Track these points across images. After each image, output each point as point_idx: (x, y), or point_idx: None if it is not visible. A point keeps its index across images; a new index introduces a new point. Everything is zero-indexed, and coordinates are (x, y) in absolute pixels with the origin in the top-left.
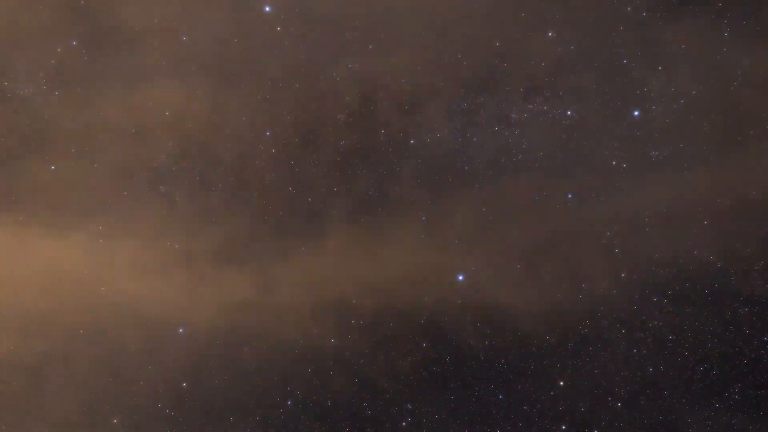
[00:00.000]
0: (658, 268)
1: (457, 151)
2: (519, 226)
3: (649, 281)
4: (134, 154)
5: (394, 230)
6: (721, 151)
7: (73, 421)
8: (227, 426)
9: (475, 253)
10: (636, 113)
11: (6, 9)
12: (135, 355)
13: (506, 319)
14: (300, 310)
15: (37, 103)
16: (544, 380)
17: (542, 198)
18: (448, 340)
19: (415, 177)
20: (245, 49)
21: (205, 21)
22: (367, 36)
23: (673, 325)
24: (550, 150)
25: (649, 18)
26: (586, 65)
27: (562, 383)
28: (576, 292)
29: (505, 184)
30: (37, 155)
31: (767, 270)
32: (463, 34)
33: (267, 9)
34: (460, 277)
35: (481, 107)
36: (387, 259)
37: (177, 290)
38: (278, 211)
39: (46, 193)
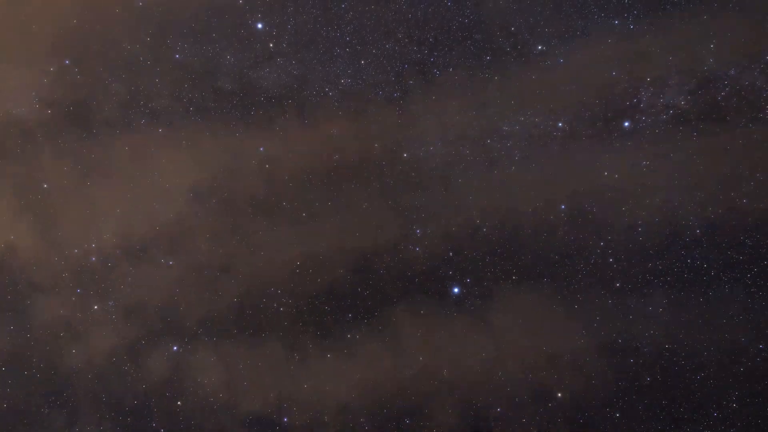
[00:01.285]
0: (652, 276)
1: (450, 163)
2: (511, 238)
3: (644, 290)
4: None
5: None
6: (710, 161)
7: None
8: None
9: (470, 265)
10: (626, 124)
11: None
12: None
13: (503, 333)
14: None
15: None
16: (542, 393)
17: (535, 209)
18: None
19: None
20: (237, 64)
21: (197, 37)
22: (358, 51)
23: (669, 334)
24: (542, 162)
25: (636, 30)
26: (576, 77)
27: (560, 395)
28: (572, 303)
29: (497, 196)
30: None
31: (761, 277)
32: (454, 48)
33: (259, 26)
34: (456, 290)
35: (473, 120)
36: None
37: None
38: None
39: None
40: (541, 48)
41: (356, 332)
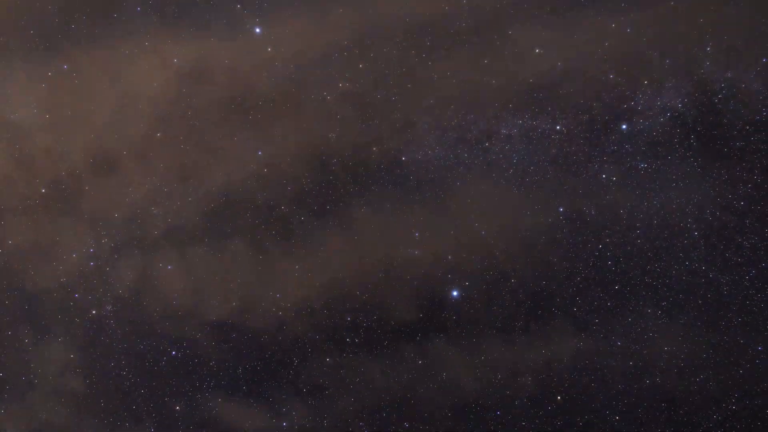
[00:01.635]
0: (650, 279)
1: (448, 167)
2: (511, 241)
3: (642, 293)
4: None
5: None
6: (708, 163)
7: None
8: None
9: (468, 269)
10: (624, 127)
11: None
12: None
13: (500, 336)
14: None
15: None
16: (542, 396)
17: (533, 212)
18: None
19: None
20: (237, 69)
21: (196, 43)
22: (357, 55)
23: (668, 336)
24: (540, 164)
25: (633, 33)
26: (573, 80)
27: (559, 398)
28: (570, 305)
29: (495, 200)
30: None
31: (759, 279)
32: (452, 52)
33: (257, 30)
34: (455, 293)
35: (471, 123)
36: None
37: None
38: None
39: None
40: (539, 51)
41: (318, 232)
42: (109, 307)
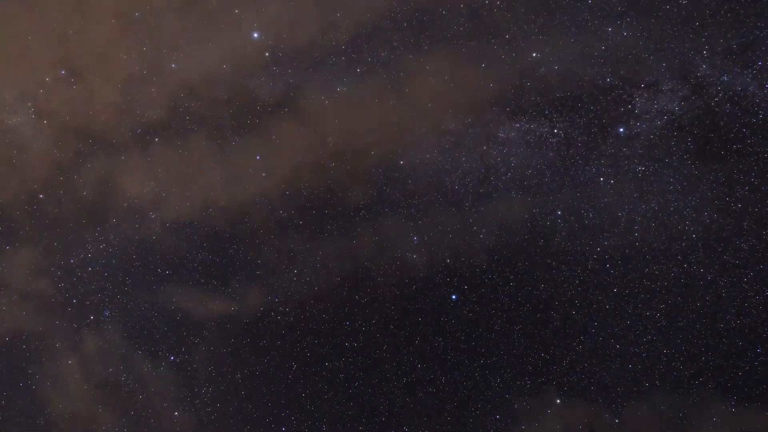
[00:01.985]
0: (649, 282)
1: (447, 170)
2: (508, 243)
3: (641, 295)
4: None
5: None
6: (704, 166)
7: None
8: None
9: (468, 272)
10: (621, 130)
11: None
12: None
13: (499, 339)
14: None
15: None
16: (541, 398)
17: (531, 215)
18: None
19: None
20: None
21: (194, 48)
22: (354, 60)
23: (667, 339)
24: (538, 168)
25: (629, 37)
26: (571, 84)
27: (558, 401)
28: (569, 308)
29: (494, 202)
30: None
31: (757, 281)
32: (449, 55)
33: (255, 35)
34: (453, 297)
35: (469, 127)
36: None
37: None
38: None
39: None
40: (536, 55)
41: (273, 124)
42: (75, 213)
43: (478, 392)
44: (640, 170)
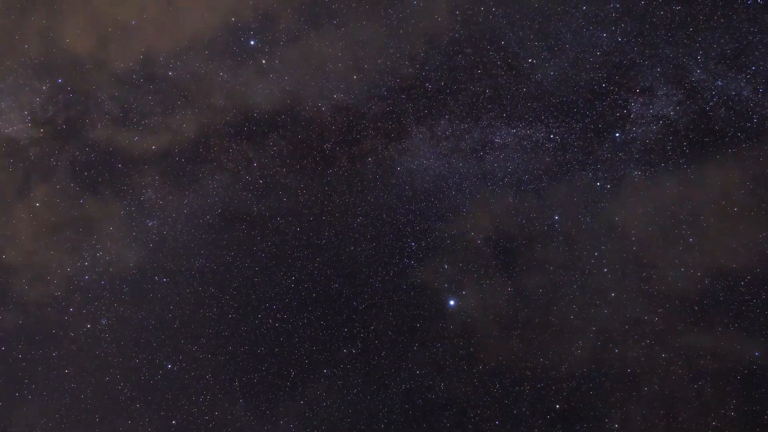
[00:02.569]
0: (647, 286)
1: (443, 176)
2: (506, 249)
3: (639, 300)
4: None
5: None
6: (701, 170)
7: None
8: None
9: (466, 278)
10: (617, 135)
11: None
12: None
13: (497, 345)
14: None
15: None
16: (540, 405)
17: (529, 220)
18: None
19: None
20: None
21: (191, 55)
22: (351, 66)
23: (666, 343)
24: (535, 173)
25: (624, 42)
26: (567, 90)
27: (557, 407)
28: (568, 313)
29: (491, 207)
30: None
31: (754, 284)
32: (445, 62)
33: (252, 42)
34: (452, 302)
35: (465, 133)
36: None
37: None
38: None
39: None
40: (531, 61)
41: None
42: None
43: (477, 398)
44: (636, 175)
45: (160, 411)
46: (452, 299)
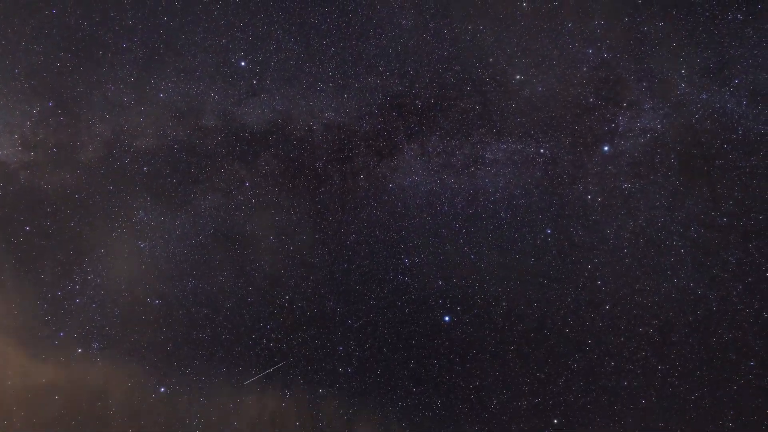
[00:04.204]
0: (641, 297)
1: (436, 192)
2: (499, 261)
3: (633, 312)
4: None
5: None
6: (689, 182)
7: None
8: None
9: (461, 294)
10: (606, 148)
11: None
12: None
13: (493, 360)
14: None
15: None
16: (538, 419)
17: (521, 235)
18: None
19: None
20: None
21: (181, 76)
22: (341, 85)
23: (661, 354)
24: (526, 187)
25: (609, 58)
26: (555, 105)
27: (555, 421)
28: (563, 327)
29: (483, 222)
30: None
31: (746, 294)
32: (435, 79)
33: (242, 64)
34: (447, 318)
35: (456, 149)
36: None
37: None
38: (259, 260)
39: None
40: (520, 77)
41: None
42: None
43: (474, 415)
44: (626, 187)
45: None
46: (447, 315)
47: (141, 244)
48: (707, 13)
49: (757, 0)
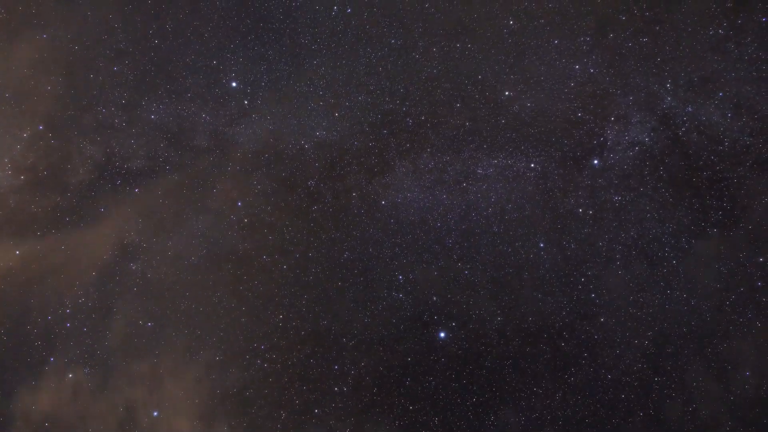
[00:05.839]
0: (635, 309)
1: (428, 208)
2: (494, 277)
3: (628, 324)
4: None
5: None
6: (678, 193)
7: None
8: None
9: (455, 309)
10: (595, 162)
11: None
12: None
13: (490, 376)
14: None
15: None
16: None
17: (514, 248)
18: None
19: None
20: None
21: (173, 98)
22: (332, 104)
23: (657, 366)
24: (518, 202)
25: (596, 73)
26: (544, 120)
27: None
28: (558, 341)
29: (477, 238)
30: None
31: (739, 304)
32: (425, 97)
33: (234, 84)
34: (442, 334)
35: (447, 165)
36: None
37: None
38: (253, 280)
39: None
40: (508, 94)
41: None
42: None
43: (472, 431)
44: (617, 200)
45: None
46: (442, 331)
47: (132, 266)
48: (689, 29)
49: (736, 16)
